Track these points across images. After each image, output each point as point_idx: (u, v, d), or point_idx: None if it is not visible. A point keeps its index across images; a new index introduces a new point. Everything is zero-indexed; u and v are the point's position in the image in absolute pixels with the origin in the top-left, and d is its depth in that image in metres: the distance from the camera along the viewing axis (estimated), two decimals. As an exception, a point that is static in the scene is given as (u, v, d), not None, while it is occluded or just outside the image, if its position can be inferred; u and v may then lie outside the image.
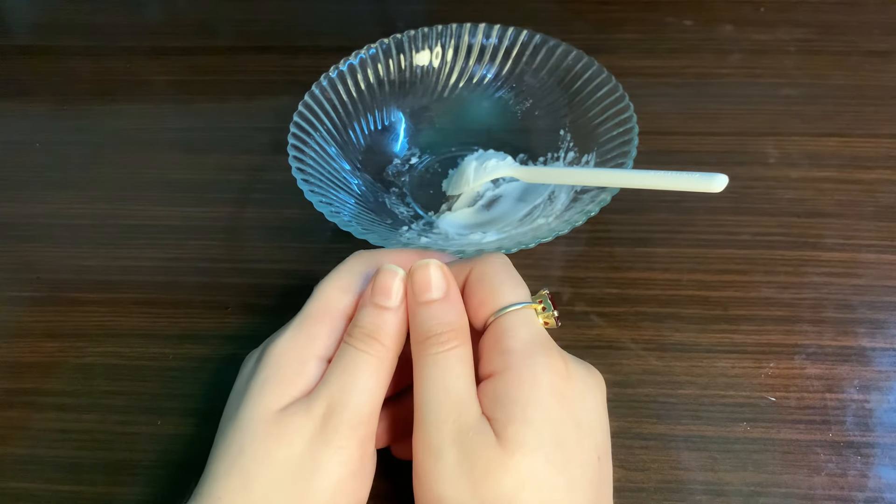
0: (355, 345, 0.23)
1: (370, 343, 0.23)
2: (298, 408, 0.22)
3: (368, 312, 0.24)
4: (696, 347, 0.32)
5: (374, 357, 0.23)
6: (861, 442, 0.29)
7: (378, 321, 0.23)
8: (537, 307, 0.24)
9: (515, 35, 0.40)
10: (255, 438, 0.22)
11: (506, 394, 0.22)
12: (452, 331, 0.23)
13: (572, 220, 0.31)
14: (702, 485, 0.28)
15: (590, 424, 0.23)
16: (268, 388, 0.23)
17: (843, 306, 0.33)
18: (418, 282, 0.23)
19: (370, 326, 0.23)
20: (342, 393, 0.22)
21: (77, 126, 0.46)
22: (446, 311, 0.23)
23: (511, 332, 0.23)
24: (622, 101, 0.35)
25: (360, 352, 0.23)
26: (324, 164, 0.36)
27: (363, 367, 0.23)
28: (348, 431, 0.22)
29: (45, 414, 0.31)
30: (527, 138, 0.40)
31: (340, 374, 0.23)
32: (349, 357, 0.23)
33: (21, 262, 0.38)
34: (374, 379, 0.23)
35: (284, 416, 0.22)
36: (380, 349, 0.23)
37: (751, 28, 0.49)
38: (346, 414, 0.22)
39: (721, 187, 0.28)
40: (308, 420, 0.22)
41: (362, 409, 0.22)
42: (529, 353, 0.22)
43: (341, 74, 0.38)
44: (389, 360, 0.23)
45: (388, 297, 0.23)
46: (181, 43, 0.51)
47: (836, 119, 0.42)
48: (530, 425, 0.21)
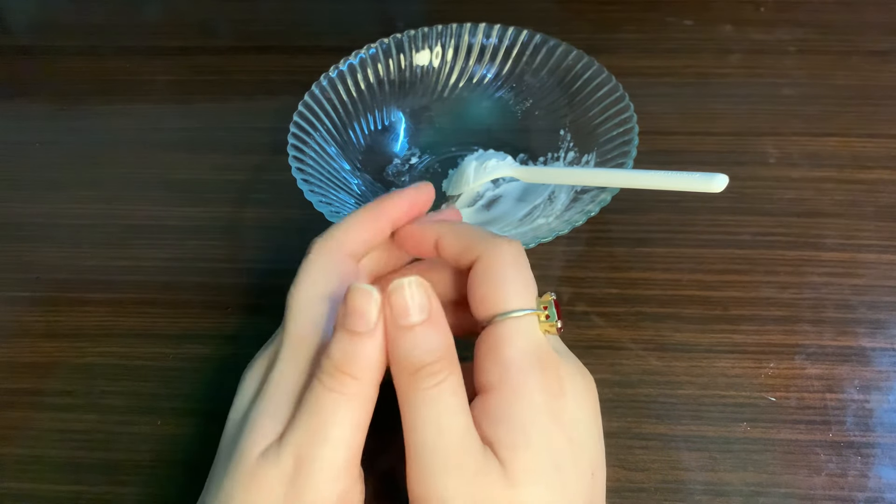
0: (324, 381, 0.20)
1: (341, 379, 0.20)
2: (270, 456, 0.20)
3: (339, 339, 0.20)
4: (696, 347, 0.32)
5: (345, 396, 0.20)
6: (861, 442, 0.29)
7: (350, 350, 0.20)
8: (541, 314, 0.22)
9: (515, 35, 0.40)
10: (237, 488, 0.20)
11: (506, 412, 0.21)
12: (442, 359, 0.20)
13: (572, 220, 0.31)
14: (702, 485, 0.28)
15: (583, 441, 0.22)
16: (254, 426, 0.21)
17: (844, 306, 0.33)
18: (397, 305, 0.20)
19: (340, 358, 0.20)
20: (311, 443, 0.20)
21: (77, 126, 0.46)
22: (431, 336, 0.20)
23: (509, 341, 0.22)
24: (622, 101, 0.35)
25: (327, 391, 0.20)
26: (324, 164, 0.36)
27: (334, 411, 0.20)
28: (323, 487, 0.19)
29: (45, 414, 0.31)
30: (527, 138, 0.40)
31: (307, 420, 0.20)
32: (317, 398, 0.20)
33: (21, 262, 0.38)
34: (348, 423, 0.20)
35: (259, 467, 0.20)
36: (353, 386, 0.20)
37: (751, 28, 0.49)
38: (317, 467, 0.19)
39: (721, 187, 0.28)
40: (278, 472, 0.20)
41: (336, 461, 0.20)
42: (525, 368, 0.21)
43: (341, 74, 0.38)
44: (367, 397, 0.20)
45: (361, 321, 0.20)
46: (181, 43, 0.51)
47: (837, 119, 0.42)
48: (532, 451, 0.20)
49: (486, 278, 0.22)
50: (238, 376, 0.25)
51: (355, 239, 0.24)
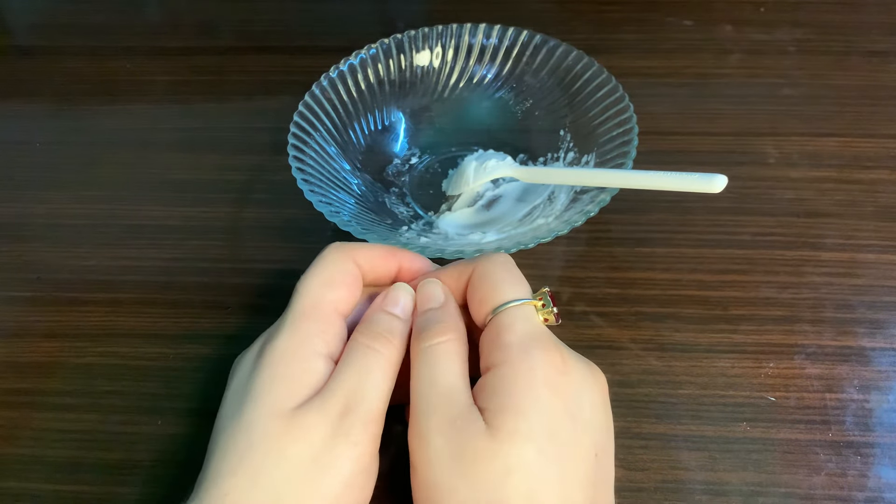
0: (369, 343, 0.24)
1: (382, 342, 0.24)
2: (313, 405, 0.22)
3: (381, 317, 0.25)
4: (695, 347, 0.32)
5: (384, 356, 0.24)
6: (861, 442, 0.29)
7: (389, 325, 0.25)
8: (537, 304, 0.24)
9: (515, 35, 0.40)
10: (267, 436, 0.22)
11: (500, 385, 0.22)
12: (443, 324, 0.24)
13: (572, 221, 0.31)
14: (701, 484, 0.28)
15: (587, 421, 0.23)
16: (277, 386, 0.23)
17: (843, 306, 0.33)
18: (423, 295, 0.26)
19: (383, 327, 0.25)
20: (358, 390, 0.23)
21: (77, 126, 0.46)
22: (441, 313, 0.25)
23: (509, 327, 0.23)
24: (622, 102, 0.35)
25: (372, 350, 0.24)
26: (324, 164, 0.36)
27: (376, 366, 0.24)
28: (363, 428, 0.23)
29: (45, 414, 0.31)
30: (527, 138, 0.40)
31: (355, 372, 0.23)
32: (362, 355, 0.24)
33: (21, 262, 0.38)
34: (386, 377, 0.24)
35: (299, 414, 0.22)
36: (390, 348, 0.24)
37: (751, 28, 0.49)
38: (362, 411, 0.23)
39: (721, 187, 0.28)
40: (324, 417, 0.22)
41: (376, 406, 0.23)
42: (526, 346, 0.23)
43: (341, 74, 0.38)
44: (397, 361, 0.24)
45: (397, 306, 0.25)
46: (181, 43, 0.51)
47: (836, 119, 0.42)
48: (521, 415, 0.21)
49: (482, 281, 0.25)
50: (238, 376, 0.25)
51: (367, 256, 0.27)
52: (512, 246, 0.30)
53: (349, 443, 0.22)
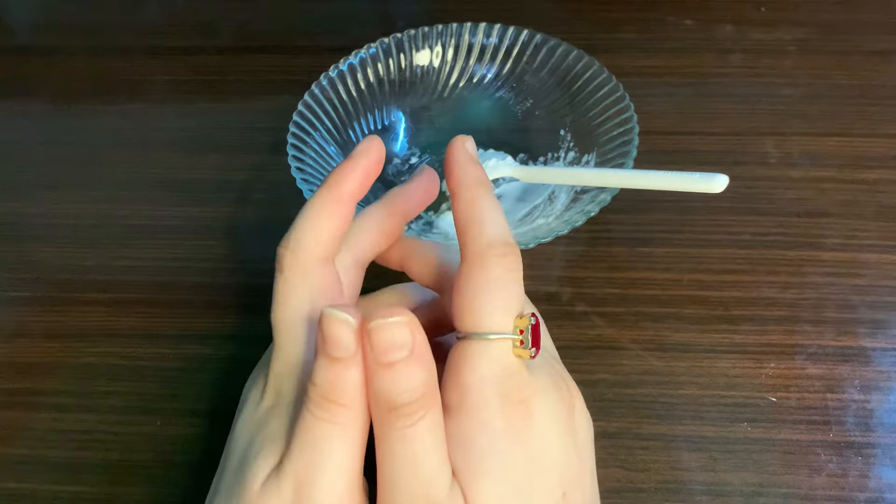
0: (313, 411, 0.20)
1: (329, 409, 0.19)
2: (271, 485, 0.20)
3: (321, 366, 0.20)
4: (696, 347, 0.32)
5: (337, 425, 0.19)
6: (862, 442, 0.29)
7: (333, 378, 0.19)
8: (515, 340, 0.21)
9: (516, 34, 0.40)
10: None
11: (465, 437, 0.20)
12: (421, 398, 0.19)
13: (572, 221, 0.31)
14: (702, 485, 0.28)
15: (551, 461, 0.21)
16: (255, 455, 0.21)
17: (844, 306, 0.33)
18: (378, 343, 0.19)
19: (325, 386, 0.19)
20: (308, 471, 0.19)
21: (77, 126, 0.46)
22: (413, 373, 0.19)
23: (472, 365, 0.21)
24: (622, 101, 0.35)
25: (322, 422, 0.19)
26: (323, 164, 0.36)
27: (327, 439, 0.19)
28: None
29: (45, 414, 0.31)
30: (527, 138, 0.40)
31: (303, 449, 0.20)
32: (309, 426, 0.20)
33: (21, 262, 0.38)
34: (343, 450, 0.20)
35: (262, 497, 0.20)
36: (343, 414, 0.19)
37: (751, 27, 0.49)
38: (318, 496, 0.19)
39: (721, 187, 0.28)
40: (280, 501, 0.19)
41: (335, 486, 0.19)
42: (486, 394, 0.20)
43: (341, 74, 0.38)
44: (359, 422, 0.20)
45: (339, 348, 0.19)
46: (181, 43, 0.51)
47: (837, 119, 0.42)
48: (491, 479, 0.20)
49: (466, 288, 0.21)
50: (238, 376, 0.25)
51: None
52: None
53: None
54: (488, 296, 0.21)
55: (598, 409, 0.30)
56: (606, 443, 0.29)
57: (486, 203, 0.23)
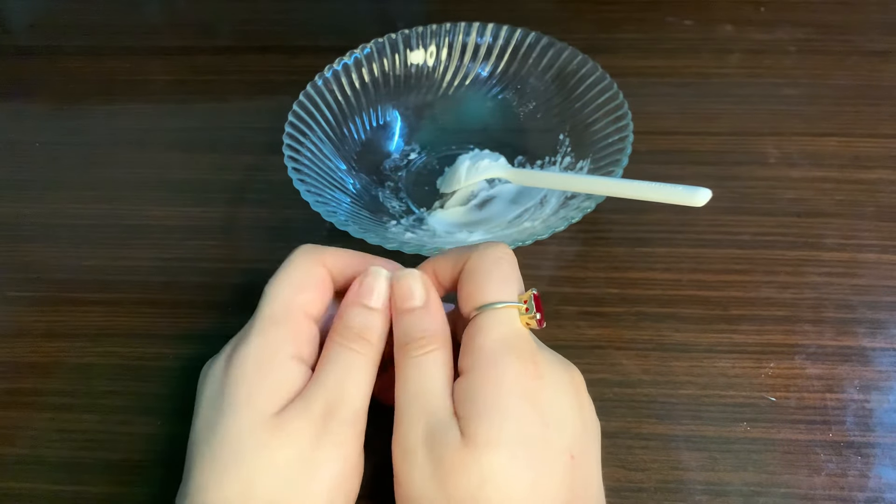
0: (348, 345, 0.24)
1: (360, 343, 0.24)
2: (296, 409, 0.23)
3: (357, 313, 0.25)
4: (696, 347, 0.32)
5: (363, 356, 0.24)
6: (861, 442, 0.29)
7: (366, 321, 0.24)
8: (520, 307, 0.24)
9: (509, 34, 0.40)
10: (253, 443, 0.22)
11: (472, 392, 0.22)
12: (430, 335, 0.24)
13: (553, 225, 0.31)
14: (702, 485, 0.28)
15: (561, 423, 0.23)
16: (254, 394, 0.23)
17: (844, 306, 0.33)
18: (400, 291, 0.25)
19: (359, 326, 0.24)
20: (339, 391, 0.23)
21: (77, 126, 0.46)
22: (425, 318, 0.24)
23: (484, 330, 0.23)
24: (616, 99, 0.35)
25: (352, 351, 0.24)
26: (319, 164, 0.36)
27: (356, 366, 0.24)
28: (347, 428, 0.23)
29: (45, 414, 0.31)
30: (527, 140, 0.40)
31: (336, 374, 0.23)
32: (342, 356, 0.24)
33: (21, 262, 0.38)
34: (366, 375, 0.24)
35: (282, 420, 0.22)
36: (369, 348, 0.24)
37: (751, 28, 0.49)
38: (345, 411, 0.23)
39: (703, 201, 0.29)
40: (308, 420, 0.22)
41: (358, 405, 0.23)
42: (497, 352, 0.23)
43: (336, 74, 0.38)
44: (376, 358, 0.25)
45: (372, 298, 0.25)
46: (181, 43, 0.51)
47: (837, 119, 0.42)
48: (492, 423, 0.22)
49: (471, 276, 0.25)
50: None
51: (337, 259, 0.26)
52: None
53: (335, 443, 0.22)
54: (491, 275, 0.24)
55: (598, 409, 0.30)
56: (606, 442, 0.29)
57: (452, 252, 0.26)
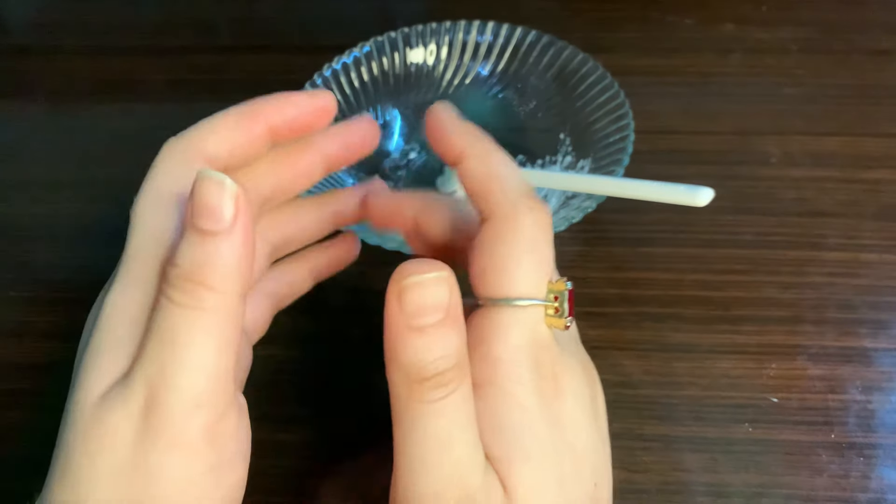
0: (173, 297, 0.16)
1: (192, 291, 0.16)
2: (115, 396, 0.17)
3: (188, 242, 0.16)
4: (697, 348, 0.32)
5: (203, 312, 0.16)
6: (863, 443, 0.29)
7: (202, 255, 0.16)
8: (549, 309, 0.19)
9: (509, 32, 0.40)
10: (77, 438, 0.17)
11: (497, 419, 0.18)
12: (455, 367, 0.17)
13: (554, 226, 0.31)
14: (703, 486, 0.28)
15: (586, 447, 0.19)
16: (91, 364, 0.17)
17: (846, 306, 0.33)
18: (411, 304, 0.17)
19: (190, 266, 0.16)
20: (163, 373, 0.16)
21: (76, 126, 0.46)
22: (448, 339, 0.17)
23: (504, 335, 0.19)
24: (618, 98, 0.35)
25: (180, 308, 0.16)
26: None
27: (189, 331, 0.16)
28: (181, 423, 0.16)
29: (44, 414, 0.31)
30: (528, 140, 0.40)
31: (157, 345, 0.16)
32: (166, 317, 0.16)
33: (21, 262, 0.38)
34: (209, 344, 0.16)
35: (101, 411, 0.17)
36: (210, 299, 0.16)
37: (752, 27, 0.48)
38: (174, 402, 0.16)
39: (705, 201, 0.28)
40: (125, 413, 0.16)
41: (196, 389, 0.16)
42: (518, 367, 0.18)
43: (335, 73, 0.38)
44: (229, 311, 0.17)
45: (212, 218, 0.16)
46: (180, 42, 0.51)
47: (839, 118, 0.42)
48: (532, 466, 0.18)
49: (493, 247, 0.19)
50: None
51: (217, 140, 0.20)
52: None
53: (165, 446, 0.16)
54: (520, 257, 0.18)
55: (599, 409, 0.30)
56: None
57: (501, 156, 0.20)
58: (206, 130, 0.20)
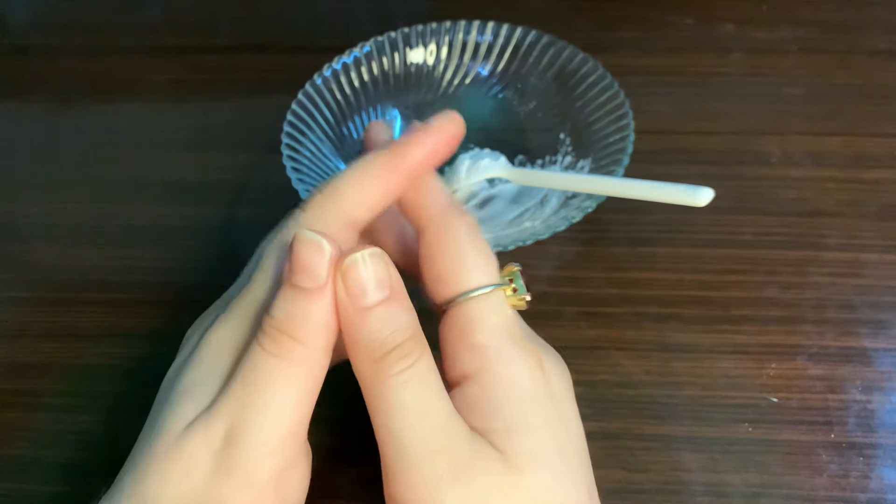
0: (264, 345, 0.17)
1: (283, 343, 0.17)
2: (198, 425, 0.17)
3: (283, 297, 0.18)
4: (697, 348, 0.32)
5: (289, 363, 0.17)
6: (863, 443, 0.29)
7: (295, 309, 0.17)
8: (507, 289, 0.20)
9: (509, 32, 0.40)
10: (154, 461, 0.18)
11: (493, 398, 0.19)
12: (413, 337, 0.18)
13: (554, 225, 0.31)
14: (703, 486, 0.28)
15: (573, 421, 0.20)
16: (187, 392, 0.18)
17: (846, 306, 0.33)
18: (353, 285, 0.17)
19: (283, 318, 0.17)
20: (244, 414, 0.17)
21: (76, 126, 0.46)
22: (396, 312, 0.18)
23: (480, 323, 0.19)
24: (618, 98, 0.35)
25: (269, 356, 0.17)
26: (319, 164, 0.36)
27: (274, 379, 0.17)
28: (255, 466, 0.17)
29: (44, 414, 0.31)
30: (528, 140, 0.40)
31: (243, 386, 0.17)
32: (255, 362, 0.17)
33: (21, 262, 0.38)
34: (290, 392, 0.17)
35: (184, 438, 0.17)
36: (299, 352, 0.17)
37: (752, 27, 0.48)
38: (251, 443, 0.17)
39: (705, 201, 0.28)
40: (205, 446, 0.17)
41: (273, 435, 0.17)
42: (504, 349, 0.19)
43: (335, 73, 0.38)
44: (314, 364, 0.18)
45: (307, 276, 0.17)
46: (180, 42, 0.51)
47: (839, 118, 0.42)
48: (532, 433, 0.18)
49: (440, 251, 0.20)
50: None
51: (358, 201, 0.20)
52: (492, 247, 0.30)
53: (236, 485, 0.17)
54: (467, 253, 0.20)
55: (599, 409, 0.30)
56: (607, 443, 0.29)
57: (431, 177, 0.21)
58: (348, 187, 0.20)
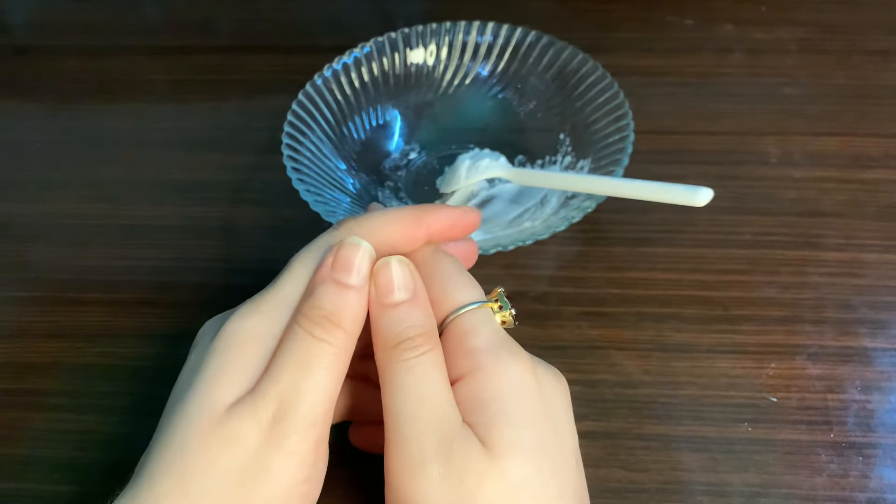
0: (312, 331, 0.20)
1: (329, 329, 0.20)
2: (244, 406, 0.20)
3: (328, 291, 0.20)
4: (697, 348, 0.32)
5: (331, 346, 0.20)
6: (863, 443, 0.29)
7: (339, 302, 0.20)
8: (493, 306, 0.23)
9: (509, 32, 0.40)
10: (197, 439, 0.19)
11: (481, 395, 0.20)
12: (424, 334, 0.21)
13: (553, 226, 0.31)
14: (703, 486, 0.28)
15: (564, 427, 0.22)
16: (220, 377, 0.20)
17: (845, 306, 0.33)
18: (382, 282, 0.21)
19: (330, 307, 0.20)
20: (294, 391, 0.20)
21: (76, 126, 0.46)
22: (415, 312, 0.21)
23: (473, 331, 0.21)
24: (617, 98, 0.35)
25: (316, 340, 0.20)
26: (319, 164, 0.36)
27: (319, 359, 0.20)
28: (301, 435, 0.20)
29: (44, 414, 0.31)
30: (527, 140, 0.40)
31: (292, 367, 0.20)
32: (303, 346, 0.20)
33: (21, 262, 0.38)
34: (331, 372, 0.20)
35: (230, 417, 0.19)
36: (339, 337, 0.20)
37: (752, 27, 0.48)
38: (299, 415, 0.20)
39: (705, 201, 0.28)
40: (254, 422, 0.19)
41: (317, 409, 0.20)
42: (496, 351, 0.21)
43: (335, 73, 0.38)
44: (348, 350, 0.21)
45: (350, 274, 0.21)
46: (180, 42, 0.51)
47: (838, 118, 0.42)
48: (514, 426, 0.20)
49: (431, 281, 0.22)
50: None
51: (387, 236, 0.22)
52: (490, 247, 0.30)
53: (284, 453, 0.19)
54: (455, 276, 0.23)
55: (599, 409, 0.30)
56: (607, 443, 0.29)
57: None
58: (379, 223, 0.23)
